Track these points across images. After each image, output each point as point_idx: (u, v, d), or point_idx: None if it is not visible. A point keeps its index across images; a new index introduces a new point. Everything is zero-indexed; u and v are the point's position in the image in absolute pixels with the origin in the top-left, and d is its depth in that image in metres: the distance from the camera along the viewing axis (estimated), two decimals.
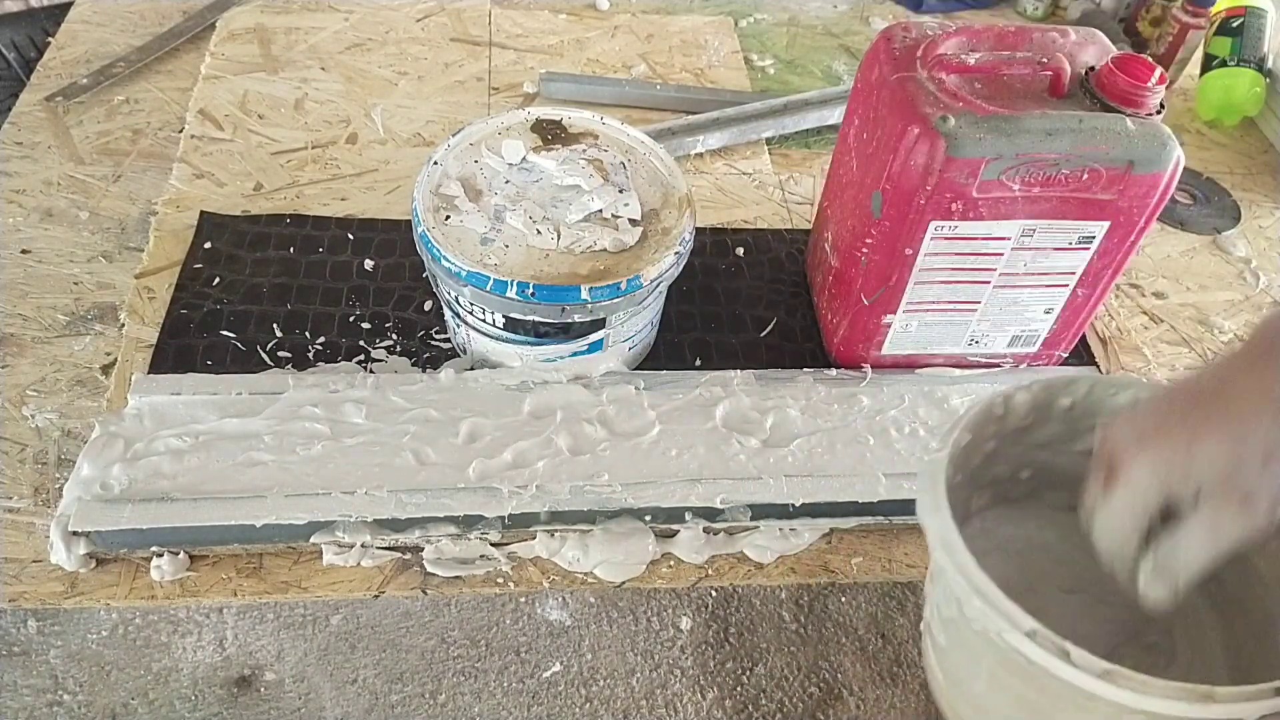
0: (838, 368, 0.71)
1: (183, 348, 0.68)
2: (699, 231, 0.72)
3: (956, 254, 0.62)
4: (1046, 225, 0.61)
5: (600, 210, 0.63)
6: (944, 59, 0.59)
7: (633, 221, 0.63)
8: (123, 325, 0.69)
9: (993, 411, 0.50)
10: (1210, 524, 0.41)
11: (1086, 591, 0.54)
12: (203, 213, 0.78)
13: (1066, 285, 0.65)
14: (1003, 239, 0.61)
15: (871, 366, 0.70)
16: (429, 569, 0.58)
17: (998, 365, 0.72)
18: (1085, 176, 0.58)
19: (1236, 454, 0.40)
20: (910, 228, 0.60)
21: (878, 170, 0.60)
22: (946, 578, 0.43)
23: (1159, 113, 0.58)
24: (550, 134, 0.68)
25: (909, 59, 0.60)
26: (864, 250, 0.64)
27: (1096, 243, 0.62)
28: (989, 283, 0.65)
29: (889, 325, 0.67)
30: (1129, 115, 0.57)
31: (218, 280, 0.73)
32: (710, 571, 0.61)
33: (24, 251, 0.74)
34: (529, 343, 0.63)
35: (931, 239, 0.60)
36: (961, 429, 0.48)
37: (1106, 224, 0.61)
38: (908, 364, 0.71)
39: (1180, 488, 0.42)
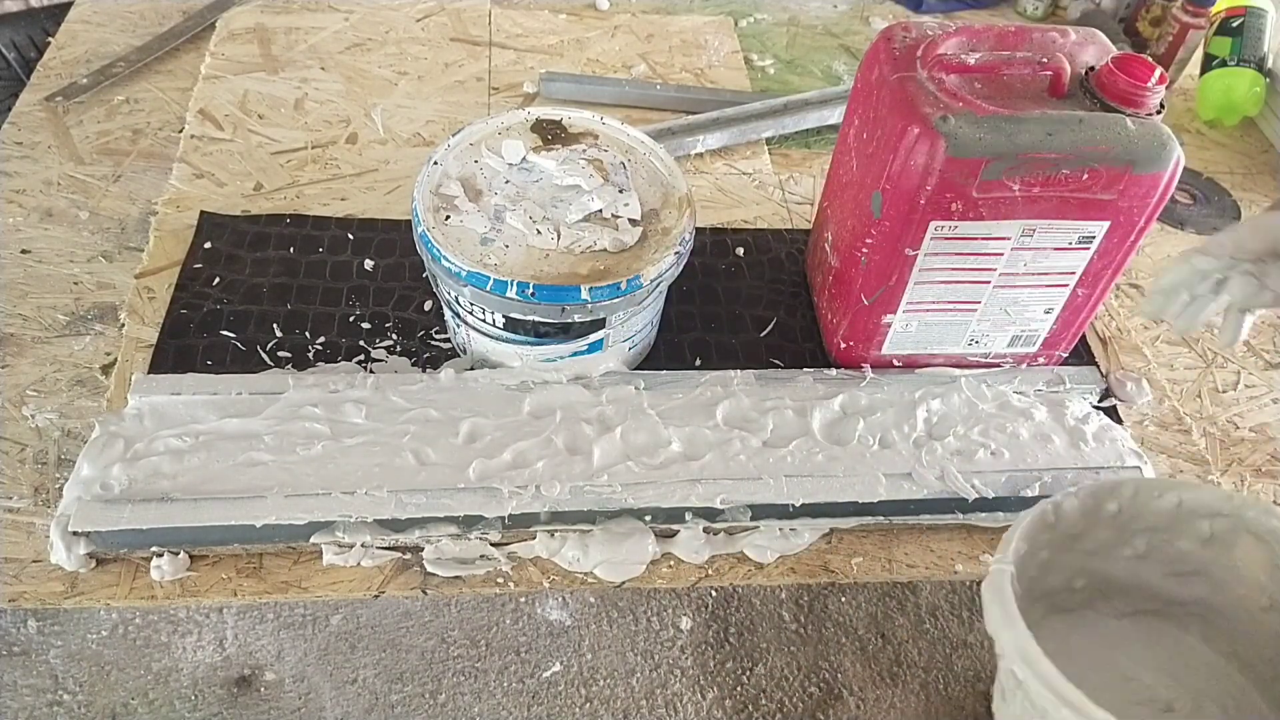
0: (838, 368, 0.71)
1: (183, 348, 0.68)
2: (699, 231, 0.72)
3: (956, 254, 0.62)
4: (1046, 225, 0.61)
5: (600, 210, 0.63)
6: (944, 59, 0.59)
7: (633, 221, 0.63)
8: (123, 325, 0.69)
9: (1045, 519, 0.50)
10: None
11: (1151, 704, 0.54)
12: (203, 213, 0.78)
13: (1066, 285, 0.65)
14: (1003, 239, 0.61)
15: (871, 366, 0.70)
16: (429, 569, 0.58)
17: (998, 365, 0.72)
18: (1085, 176, 0.58)
19: None
20: (910, 228, 0.60)
21: (878, 170, 0.60)
22: (1028, 691, 0.43)
23: (1159, 113, 0.58)
24: (550, 134, 0.68)
25: (909, 59, 0.60)
26: (864, 250, 0.64)
27: (1096, 243, 0.62)
28: (989, 283, 0.65)
29: (889, 325, 0.67)
30: (1129, 115, 0.57)
31: (218, 280, 0.73)
32: (710, 571, 0.61)
33: (24, 251, 0.74)
34: (529, 343, 0.63)
35: (931, 239, 0.60)
36: (1019, 538, 0.48)
37: (1106, 224, 0.61)
38: (908, 364, 0.71)
39: None
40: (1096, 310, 0.68)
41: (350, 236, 0.78)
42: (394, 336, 0.71)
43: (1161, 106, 0.58)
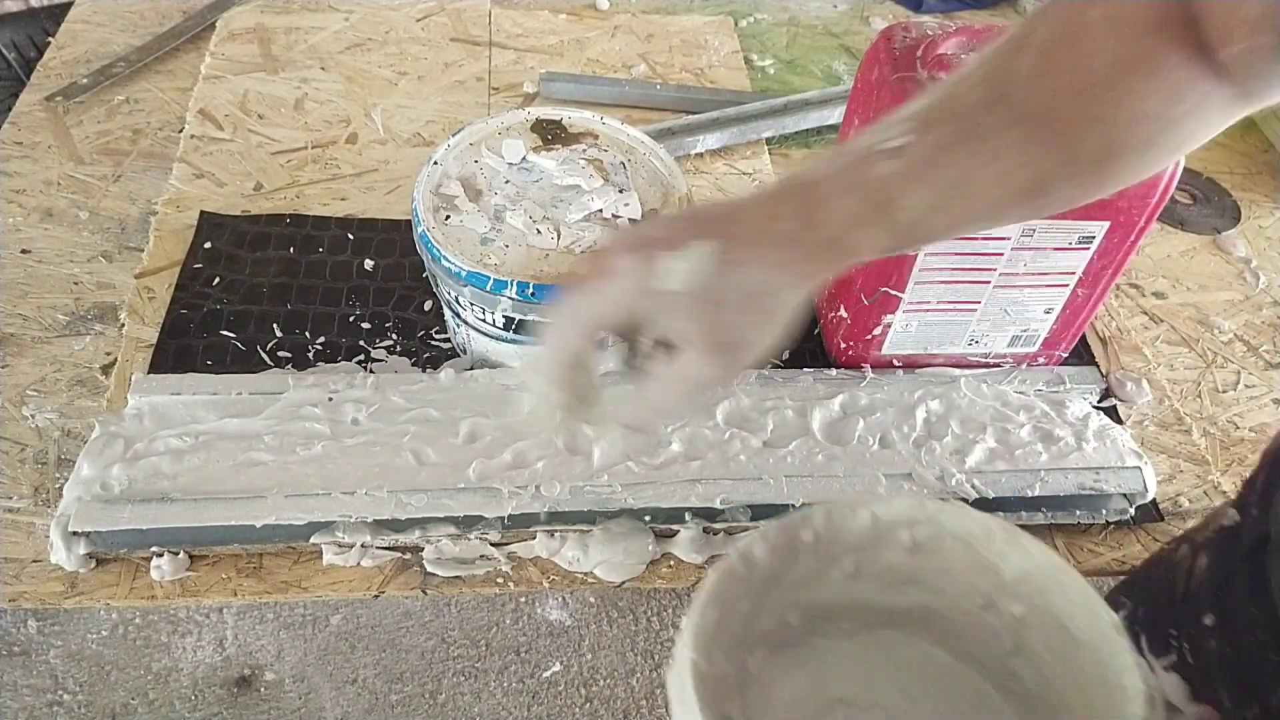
0: (838, 368, 0.71)
1: (183, 348, 0.68)
2: None
3: (956, 254, 0.62)
4: (1046, 225, 0.61)
5: (600, 210, 0.63)
6: (944, 59, 0.59)
7: (633, 221, 0.63)
8: (123, 325, 0.69)
9: (735, 574, 0.47)
10: (686, 365, 0.39)
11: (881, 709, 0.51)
12: (203, 213, 0.78)
13: (1066, 285, 0.65)
14: (1003, 239, 0.61)
15: (871, 366, 0.70)
16: (429, 569, 0.58)
17: (998, 365, 0.72)
18: None
19: (729, 283, 0.37)
20: None
21: None
22: None
23: None
24: (550, 134, 0.68)
25: (909, 59, 0.60)
26: None
27: (1096, 243, 0.62)
28: (989, 283, 0.65)
29: (889, 325, 0.67)
30: None
31: (218, 280, 0.73)
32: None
33: (24, 251, 0.74)
34: (529, 343, 0.63)
35: None
36: (704, 608, 0.44)
37: (1106, 224, 0.61)
38: (908, 364, 0.71)
39: (651, 307, 0.38)
40: (1096, 310, 0.68)
41: (350, 236, 0.78)
42: (394, 336, 0.71)
43: None
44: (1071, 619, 0.45)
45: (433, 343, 0.71)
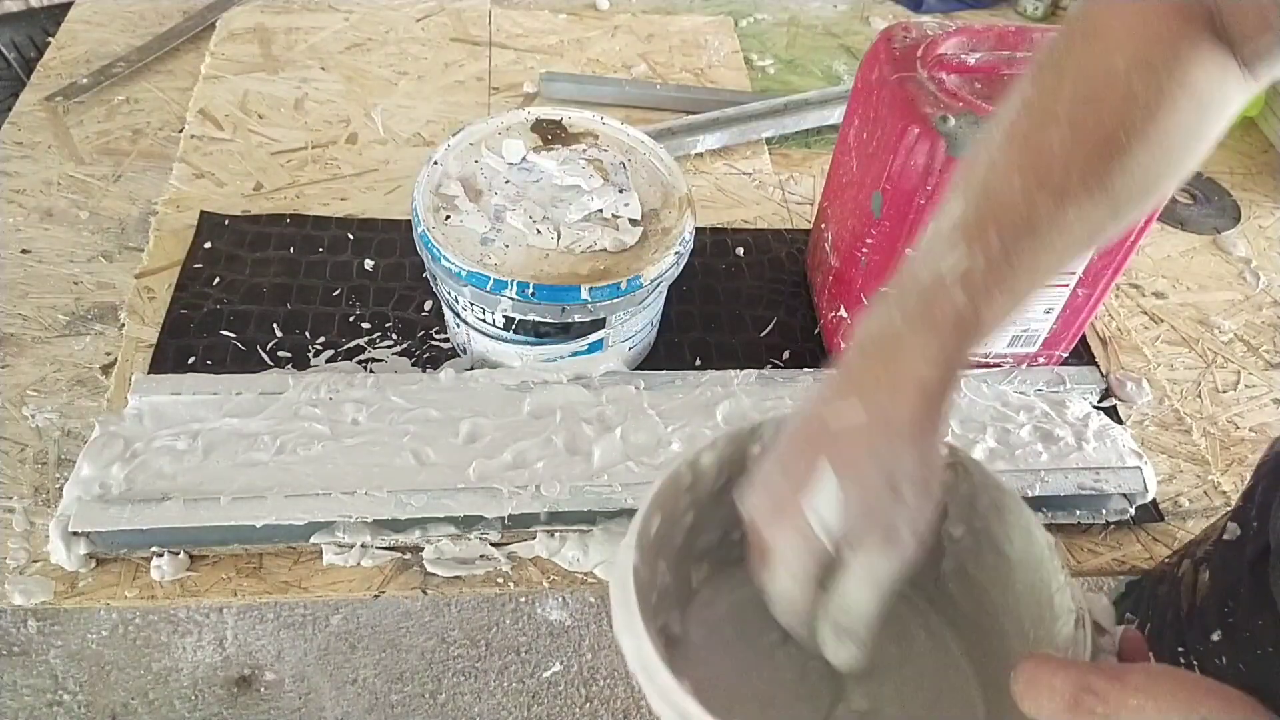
0: None
1: (183, 348, 0.68)
2: (699, 231, 0.72)
3: None
4: None
5: (600, 210, 0.63)
6: (944, 59, 0.59)
7: (633, 221, 0.63)
8: (123, 325, 0.69)
9: (680, 482, 0.45)
10: (864, 571, 0.39)
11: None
12: (203, 213, 0.78)
13: (1066, 285, 0.65)
14: None
15: None
16: (429, 569, 0.58)
17: (998, 365, 0.72)
18: None
19: (860, 497, 0.38)
20: (910, 228, 0.60)
21: (878, 170, 0.60)
22: (650, 700, 0.39)
23: None
24: (550, 134, 0.68)
25: (909, 59, 0.60)
26: (864, 250, 0.64)
27: None
28: None
29: None
30: None
31: (218, 280, 0.73)
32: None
33: (24, 251, 0.74)
34: (529, 343, 0.63)
35: None
36: (648, 512, 0.43)
37: None
38: None
39: (825, 557, 0.40)
40: (1096, 310, 0.68)
41: (350, 236, 0.78)
42: (394, 336, 0.71)
43: None
44: (1008, 542, 0.45)
45: (433, 343, 0.71)
